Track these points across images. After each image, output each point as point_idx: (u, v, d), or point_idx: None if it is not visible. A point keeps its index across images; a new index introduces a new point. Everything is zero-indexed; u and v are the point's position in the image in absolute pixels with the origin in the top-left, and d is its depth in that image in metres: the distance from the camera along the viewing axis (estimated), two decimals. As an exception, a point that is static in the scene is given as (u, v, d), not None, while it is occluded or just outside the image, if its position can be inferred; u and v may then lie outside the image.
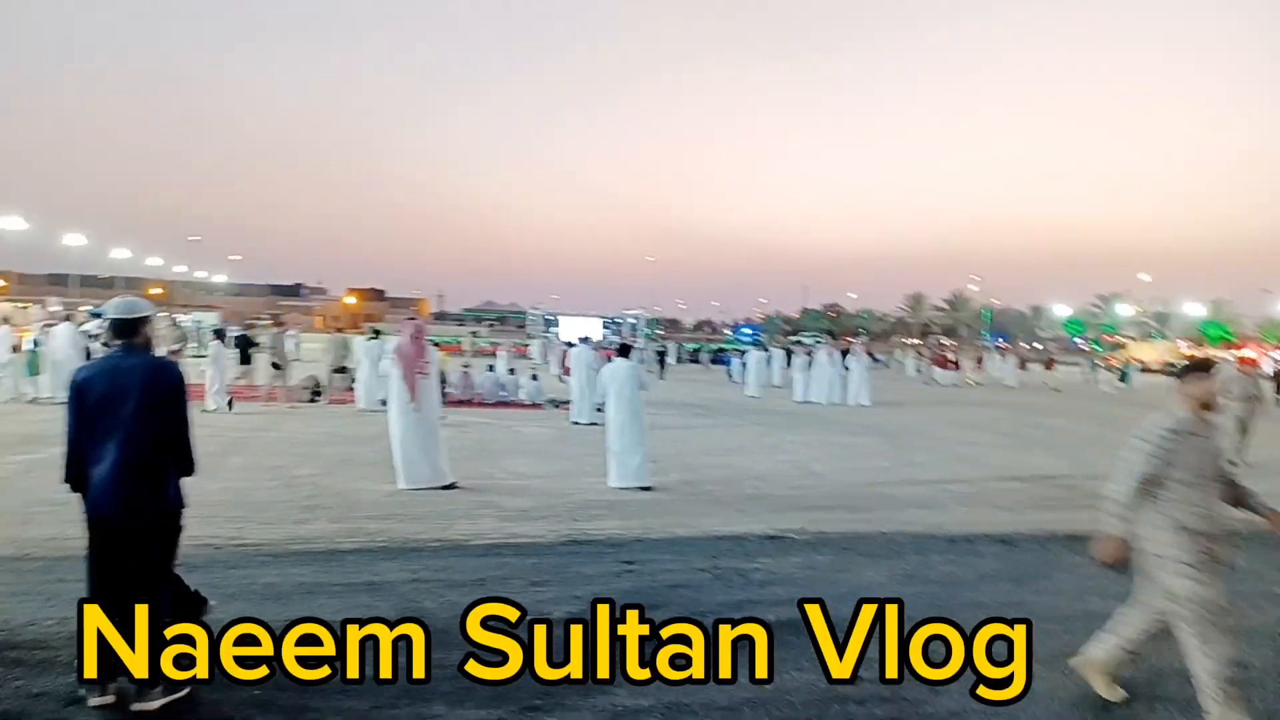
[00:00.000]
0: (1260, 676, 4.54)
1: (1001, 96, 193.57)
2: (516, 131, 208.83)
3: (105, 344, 3.99)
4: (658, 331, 78.07)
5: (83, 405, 3.67)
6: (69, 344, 15.44)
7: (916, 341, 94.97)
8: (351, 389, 18.07)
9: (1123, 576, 6.33)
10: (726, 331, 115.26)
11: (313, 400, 17.42)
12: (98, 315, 4.57)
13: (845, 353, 26.31)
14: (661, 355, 37.32)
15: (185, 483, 4.01)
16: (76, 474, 3.73)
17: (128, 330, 3.84)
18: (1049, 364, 45.14)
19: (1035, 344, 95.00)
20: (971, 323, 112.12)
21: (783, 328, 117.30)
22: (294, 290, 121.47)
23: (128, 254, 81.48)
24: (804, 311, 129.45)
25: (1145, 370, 57.68)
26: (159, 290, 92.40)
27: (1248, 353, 58.61)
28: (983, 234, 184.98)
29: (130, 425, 3.67)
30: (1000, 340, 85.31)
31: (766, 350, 32.29)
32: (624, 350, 10.35)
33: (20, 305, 42.07)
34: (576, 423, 15.49)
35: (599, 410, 15.45)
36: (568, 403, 16.92)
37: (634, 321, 56.58)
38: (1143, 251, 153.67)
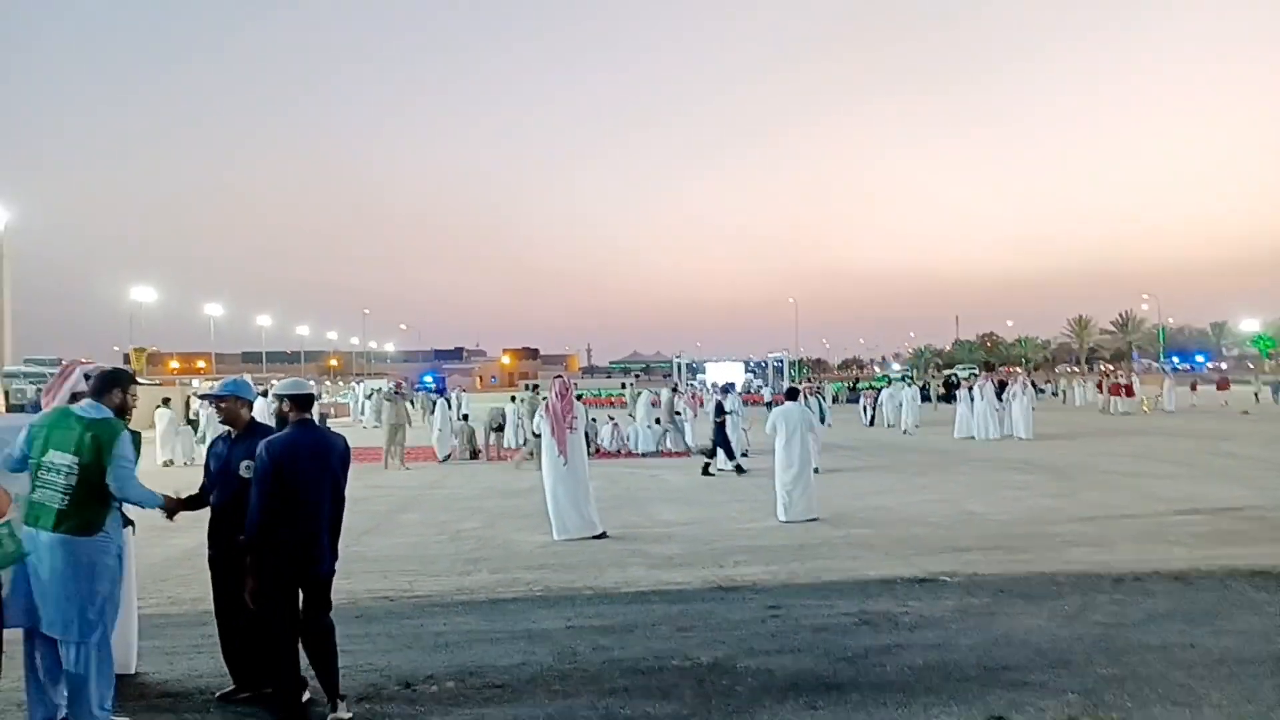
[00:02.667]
0: None
1: (1172, 100, 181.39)
2: (650, 183, 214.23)
3: (277, 415, 4.55)
4: (809, 374, 77.04)
5: (282, 472, 4.14)
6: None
7: (1088, 369, 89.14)
8: (514, 446, 19.16)
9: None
10: (876, 369, 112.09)
11: (473, 458, 18.43)
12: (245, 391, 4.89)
13: (1003, 384, 25.19)
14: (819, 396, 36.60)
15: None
16: (269, 533, 4.17)
17: (306, 404, 4.41)
18: (1221, 384, 41.18)
19: (1220, 364, 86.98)
20: (1144, 344, 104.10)
21: (934, 361, 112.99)
22: (455, 354, 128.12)
23: (308, 330, 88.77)
24: (957, 343, 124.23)
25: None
26: (336, 361, 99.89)
27: None
28: (1154, 248, 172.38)
29: (332, 491, 4.24)
30: (1177, 362, 78.79)
31: (912, 385, 31.29)
32: (792, 394, 11.28)
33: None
34: (722, 470, 15.60)
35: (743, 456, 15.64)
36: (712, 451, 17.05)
37: (778, 364, 56.20)
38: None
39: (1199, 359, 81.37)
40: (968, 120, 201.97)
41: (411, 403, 21.19)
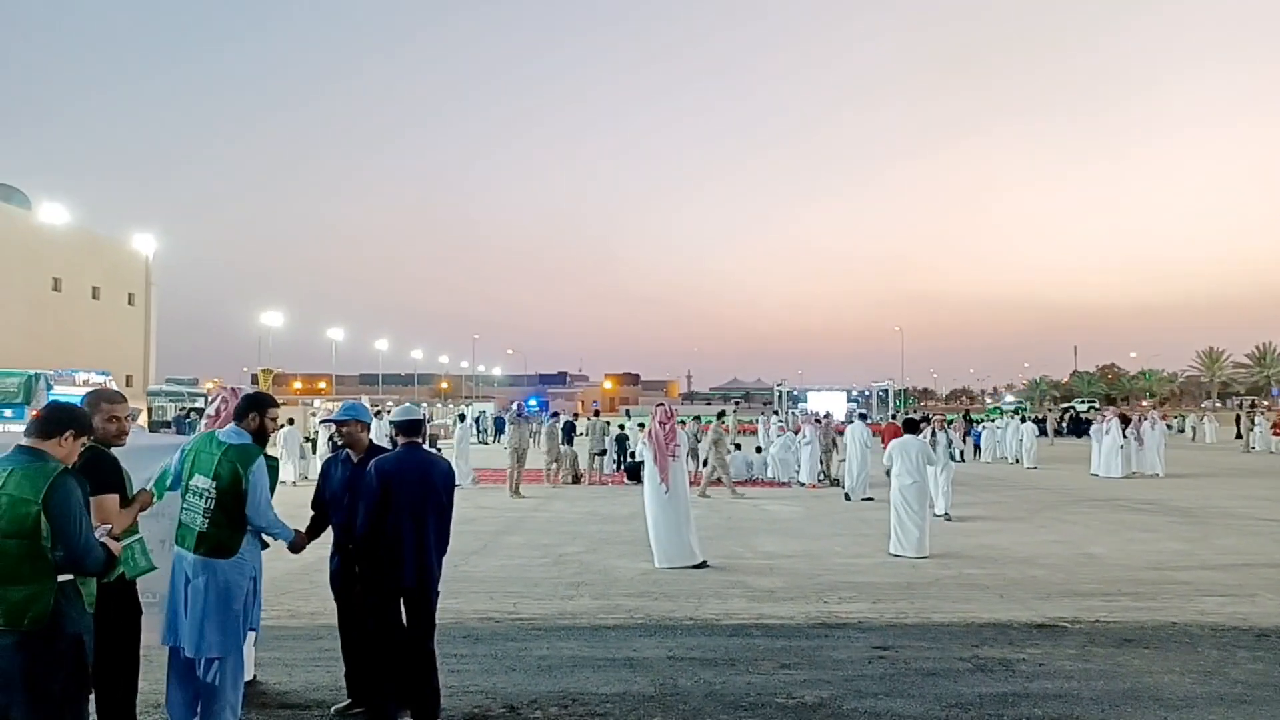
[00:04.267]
0: None
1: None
2: (755, 210, 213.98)
3: (392, 439, 4.81)
4: (916, 404, 74.78)
5: (389, 490, 4.36)
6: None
7: (1222, 404, 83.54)
8: (614, 471, 19.27)
9: None
10: (988, 400, 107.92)
11: (575, 481, 18.64)
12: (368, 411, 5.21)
13: (1126, 419, 23.88)
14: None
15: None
16: (373, 548, 4.37)
17: (414, 430, 4.65)
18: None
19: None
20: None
21: (1051, 393, 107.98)
22: (559, 379, 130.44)
23: (421, 354, 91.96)
24: (1074, 374, 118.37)
25: None
26: (446, 384, 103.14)
27: None
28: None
29: (437, 510, 4.42)
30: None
31: (1028, 419, 29.94)
32: (911, 426, 11.03)
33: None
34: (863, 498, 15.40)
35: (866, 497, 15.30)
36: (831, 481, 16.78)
37: (883, 393, 54.82)
38: None
39: None
40: (1087, 147, 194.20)
41: (534, 427, 20.83)
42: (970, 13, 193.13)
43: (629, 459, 20.21)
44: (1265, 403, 79.96)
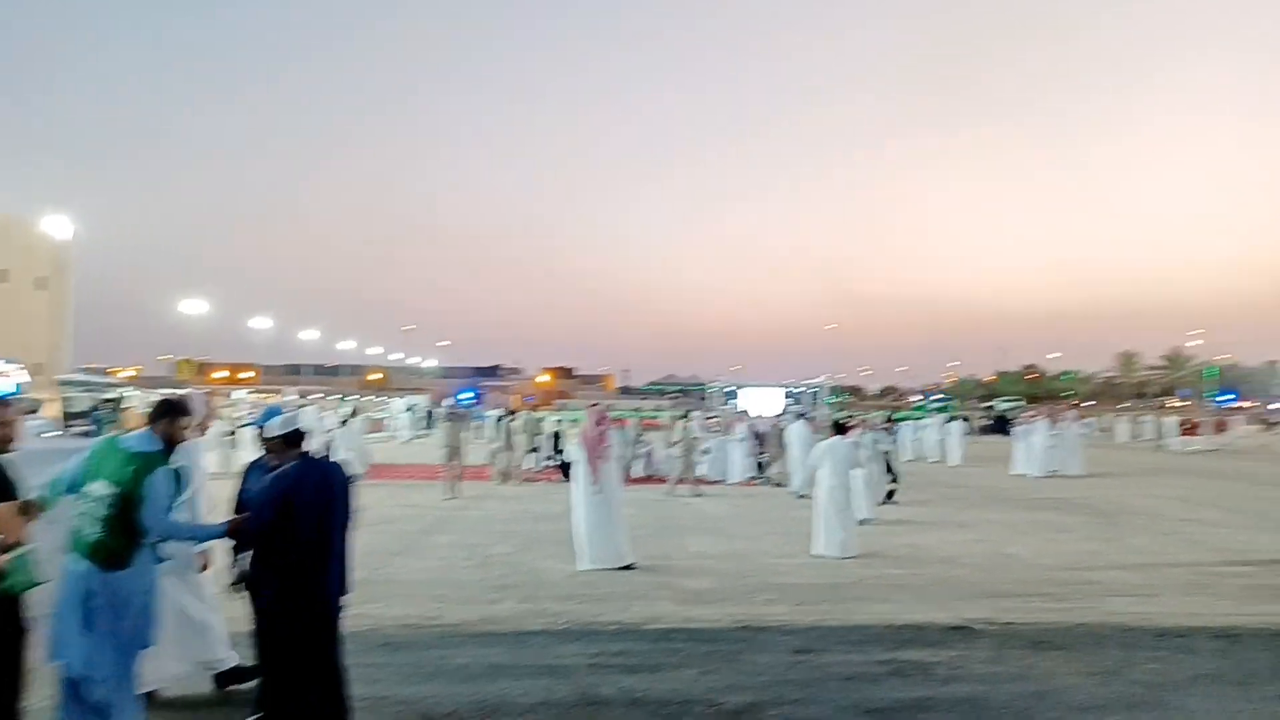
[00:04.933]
0: None
1: (1226, 131, 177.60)
2: (694, 207, 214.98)
3: (271, 450, 4.36)
4: (841, 401, 76.20)
5: (295, 506, 4.08)
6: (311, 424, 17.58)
7: (1138, 405, 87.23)
8: (547, 468, 19.09)
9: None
10: (916, 398, 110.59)
11: (506, 479, 18.46)
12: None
13: (1056, 419, 24.82)
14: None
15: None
16: (272, 564, 4.11)
17: (298, 440, 4.28)
18: (1266, 424, 40.02)
19: (1272, 403, 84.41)
20: (1194, 381, 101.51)
21: (976, 392, 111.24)
22: (492, 371, 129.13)
23: (352, 344, 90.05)
24: (1000, 374, 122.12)
25: None
26: (379, 375, 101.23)
27: None
28: (1205, 283, 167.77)
29: (343, 520, 4.24)
30: (1231, 400, 76.56)
31: (954, 417, 30.79)
32: (839, 428, 11.30)
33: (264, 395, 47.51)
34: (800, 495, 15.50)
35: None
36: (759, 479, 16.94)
37: (815, 390, 55.73)
38: None
39: (1228, 397, 78.83)
40: (1016, 150, 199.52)
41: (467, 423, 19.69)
42: (901, 20, 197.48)
43: (562, 455, 20.12)
44: (1180, 404, 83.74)
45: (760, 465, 19.78)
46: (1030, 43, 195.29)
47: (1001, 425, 48.07)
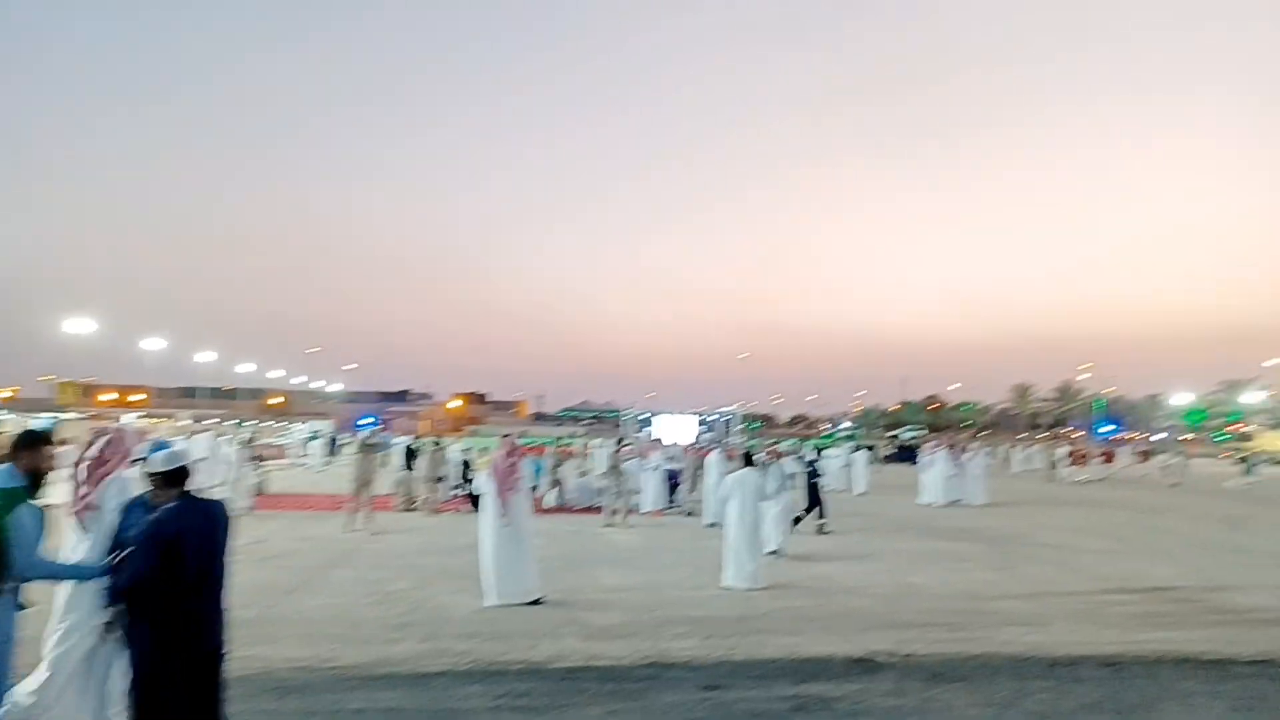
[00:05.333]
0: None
1: (1110, 176, 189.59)
2: (610, 237, 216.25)
3: (154, 486, 4.16)
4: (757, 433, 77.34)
5: (176, 550, 3.82)
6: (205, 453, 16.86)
7: (1031, 436, 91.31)
8: (455, 497, 18.63)
9: (1241, 710, 5.91)
10: (825, 426, 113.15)
11: (409, 509, 17.97)
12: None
13: (959, 449, 25.72)
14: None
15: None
16: (148, 608, 3.84)
17: (181, 478, 4.06)
18: (1144, 456, 42.55)
19: (1154, 434, 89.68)
20: (1083, 413, 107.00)
21: (881, 421, 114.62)
22: (401, 396, 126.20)
23: (253, 367, 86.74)
24: (903, 404, 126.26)
25: (1277, 462, 53.82)
26: (280, 399, 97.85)
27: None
28: (1093, 319, 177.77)
29: (223, 564, 4.01)
30: (1113, 431, 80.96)
31: (859, 446, 31.56)
32: (748, 459, 11.38)
33: (155, 420, 45.24)
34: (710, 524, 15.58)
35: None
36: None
37: (728, 418, 56.42)
38: (1272, 333, 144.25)
39: (1110, 428, 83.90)
40: (917, 188, 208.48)
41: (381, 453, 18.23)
42: (807, 56, 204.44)
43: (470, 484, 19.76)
44: (1074, 435, 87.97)
45: (672, 494, 19.82)
46: (932, 83, 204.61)
47: (906, 454, 49.58)
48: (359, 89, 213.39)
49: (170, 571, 3.80)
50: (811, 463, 17.38)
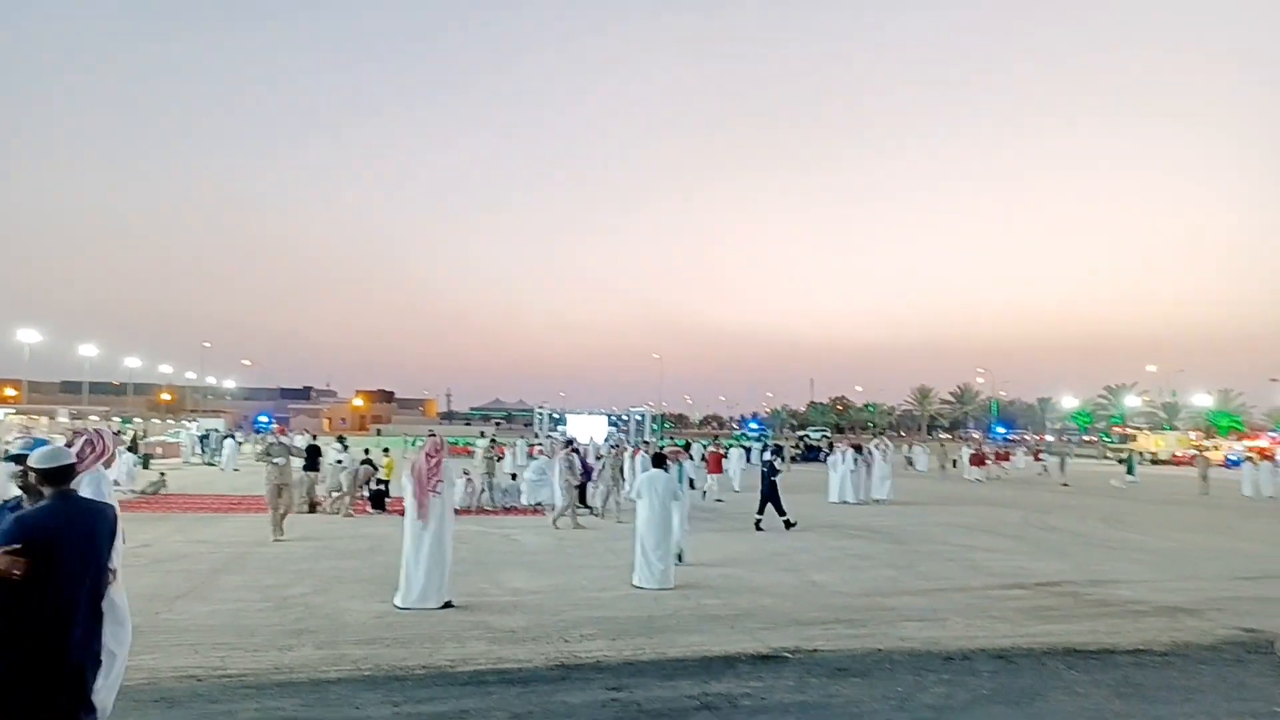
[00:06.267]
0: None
1: (1006, 191, 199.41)
2: (527, 237, 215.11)
3: (25, 487, 4.00)
4: (670, 433, 77.89)
5: (43, 556, 3.55)
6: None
7: (929, 436, 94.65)
8: (359, 499, 18.05)
9: (1122, 697, 6.21)
10: (734, 427, 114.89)
11: (311, 511, 17.37)
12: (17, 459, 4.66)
13: (858, 448, 26.40)
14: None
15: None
16: (21, 625, 3.54)
17: (64, 477, 3.83)
18: (1003, 457, 44.72)
19: (1046, 436, 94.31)
20: (979, 415, 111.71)
21: (789, 421, 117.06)
22: (303, 393, 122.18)
23: (139, 362, 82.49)
24: (811, 405, 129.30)
25: (1155, 462, 57.33)
26: (169, 396, 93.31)
27: (1261, 443, 58.15)
28: (989, 326, 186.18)
29: (99, 571, 3.73)
30: (1008, 432, 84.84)
31: (767, 446, 32.08)
32: (659, 460, 11.45)
33: (32, 416, 42.48)
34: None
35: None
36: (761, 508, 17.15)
37: (639, 418, 56.66)
38: (1151, 342, 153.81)
39: (1000, 430, 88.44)
40: (824, 196, 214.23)
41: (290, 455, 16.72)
42: (724, 64, 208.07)
43: (376, 486, 19.24)
44: (977, 436, 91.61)
45: (583, 494, 19.72)
46: (840, 98, 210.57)
47: (814, 454, 50.78)
48: (269, 81, 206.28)
49: (38, 581, 3.50)
50: (769, 462, 18.02)
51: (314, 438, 22.69)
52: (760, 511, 16.74)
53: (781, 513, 16.66)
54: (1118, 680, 6.69)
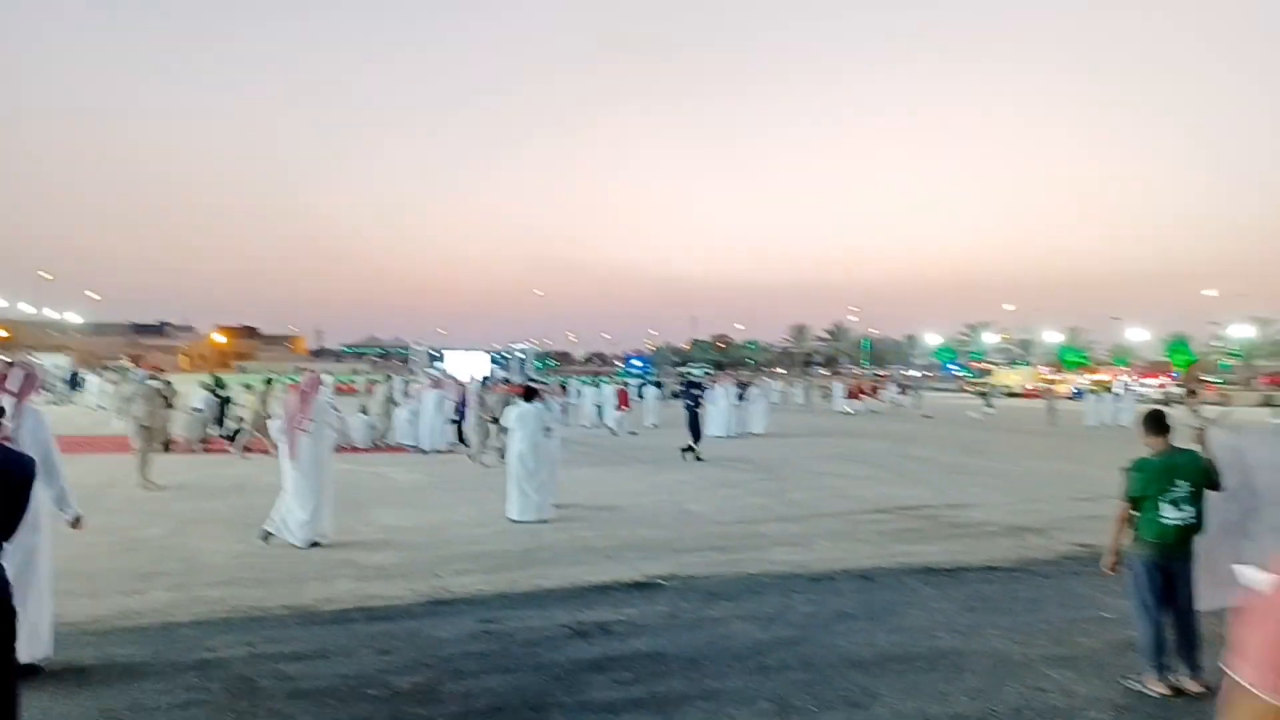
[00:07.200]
0: (1083, 704, 4.73)
1: (876, 133, 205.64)
2: (407, 168, 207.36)
3: None
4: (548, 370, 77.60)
5: None
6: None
7: (806, 373, 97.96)
8: (219, 437, 17.16)
9: (972, 610, 6.58)
10: (617, 364, 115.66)
11: (166, 450, 16.39)
12: None
13: (744, 385, 27.01)
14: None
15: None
16: None
17: None
18: (872, 391, 47.02)
19: (911, 371, 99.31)
20: (851, 352, 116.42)
21: (672, 359, 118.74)
22: (158, 329, 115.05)
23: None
24: (693, 343, 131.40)
25: (1010, 395, 61.28)
26: (3, 333, 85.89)
27: (1103, 377, 62.90)
28: (860, 266, 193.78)
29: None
30: (877, 369, 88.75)
31: (647, 383, 32.44)
32: (529, 393, 11.18)
33: None
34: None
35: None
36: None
37: (522, 356, 56.16)
38: (1009, 282, 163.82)
39: (873, 366, 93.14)
40: (707, 134, 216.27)
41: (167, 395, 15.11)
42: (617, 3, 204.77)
43: (237, 424, 18.35)
44: (858, 371, 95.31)
45: (460, 432, 19.39)
46: (724, 41, 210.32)
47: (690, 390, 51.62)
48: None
49: None
50: (694, 396, 18.96)
51: (157, 371, 21.31)
52: (696, 442, 17.58)
53: (696, 443, 17.58)
54: (969, 595, 7.10)
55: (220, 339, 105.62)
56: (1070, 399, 48.55)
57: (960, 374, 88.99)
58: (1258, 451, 5.07)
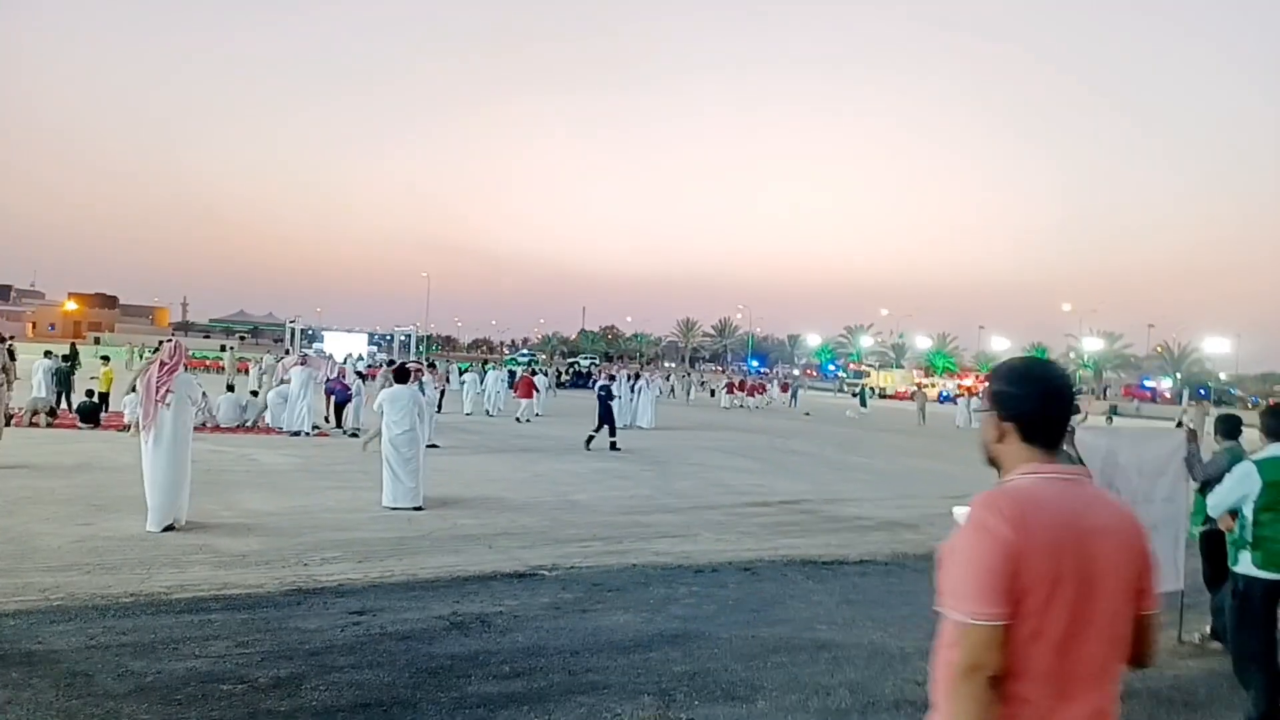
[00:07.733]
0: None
1: (765, 137, 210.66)
2: (290, 137, 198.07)
3: None
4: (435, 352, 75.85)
5: None
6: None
7: (692, 368, 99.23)
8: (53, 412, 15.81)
9: (850, 602, 6.68)
10: (505, 352, 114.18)
11: (7, 424, 14.99)
12: None
13: (637, 376, 27.03)
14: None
15: None
16: None
17: None
18: (752, 388, 48.44)
19: (792, 369, 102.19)
20: (737, 349, 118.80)
21: (560, 349, 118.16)
22: (2, 294, 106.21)
23: None
24: (582, 333, 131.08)
25: (883, 396, 63.85)
26: None
27: (968, 382, 66.26)
28: (747, 266, 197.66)
29: None
30: (761, 365, 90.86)
31: (537, 371, 32.10)
32: (401, 374, 10.74)
33: None
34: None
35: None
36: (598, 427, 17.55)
37: (404, 338, 54.62)
38: (885, 287, 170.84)
39: (757, 364, 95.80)
40: (601, 130, 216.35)
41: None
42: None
43: (87, 399, 17.00)
44: (735, 369, 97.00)
45: (339, 414, 18.57)
46: (617, 30, 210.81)
47: (582, 380, 51.56)
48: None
49: None
50: (604, 386, 18.89)
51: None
52: (595, 432, 17.48)
53: (614, 433, 17.60)
54: (846, 588, 7.21)
55: (73, 306, 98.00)
56: (939, 402, 50.96)
57: (840, 374, 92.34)
58: (1127, 452, 5.31)
